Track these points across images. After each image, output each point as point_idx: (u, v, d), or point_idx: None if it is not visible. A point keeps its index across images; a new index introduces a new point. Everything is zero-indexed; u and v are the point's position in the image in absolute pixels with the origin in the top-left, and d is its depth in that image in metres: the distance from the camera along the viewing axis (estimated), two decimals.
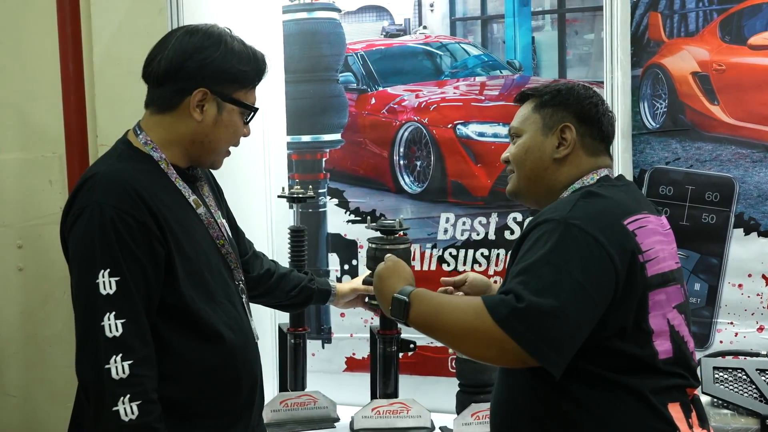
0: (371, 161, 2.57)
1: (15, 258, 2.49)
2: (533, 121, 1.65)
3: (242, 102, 1.65)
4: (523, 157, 1.65)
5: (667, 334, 1.48)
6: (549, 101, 1.65)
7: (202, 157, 1.68)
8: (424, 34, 2.50)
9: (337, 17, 2.57)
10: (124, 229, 1.50)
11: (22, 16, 2.51)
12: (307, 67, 2.60)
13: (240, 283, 1.73)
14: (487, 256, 2.48)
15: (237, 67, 1.63)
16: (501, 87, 2.44)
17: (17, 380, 2.49)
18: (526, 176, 1.66)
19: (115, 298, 1.47)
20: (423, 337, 2.44)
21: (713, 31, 2.22)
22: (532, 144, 1.64)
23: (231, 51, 1.63)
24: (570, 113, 1.63)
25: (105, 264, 1.48)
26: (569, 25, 2.37)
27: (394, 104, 2.53)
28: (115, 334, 1.46)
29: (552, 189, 1.63)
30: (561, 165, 1.62)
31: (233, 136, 1.68)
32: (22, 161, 2.52)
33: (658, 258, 1.48)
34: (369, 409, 2.27)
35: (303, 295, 2.12)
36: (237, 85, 1.64)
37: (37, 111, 2.53)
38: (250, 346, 1.70)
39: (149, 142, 1.62)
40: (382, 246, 2.22)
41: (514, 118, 1.71)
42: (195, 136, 1.64)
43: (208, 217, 1.68)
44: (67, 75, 2.42)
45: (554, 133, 1.62)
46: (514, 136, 1.70)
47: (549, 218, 1.47)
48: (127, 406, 1.45)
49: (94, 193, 1.53)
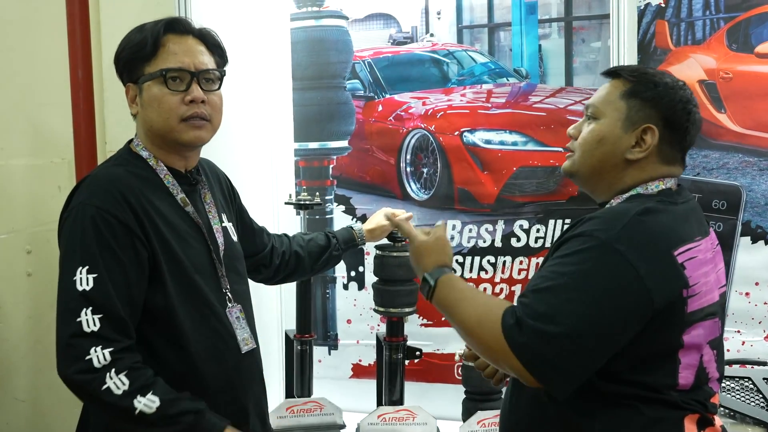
0: (378, 168, 2.59)
1: (24, 263, 2.47)
2: (617, 108, 1.49)
3: (149, 74, 1.60)
4: (594, 146, 1.50)
5: (694, 369, 1.40)
6: (640, 92, 1.48)
7: (168, 142, 1.64)
8: (431, 42, 2.52)
9: (344, 25, 2.58)
10: (106, 229, 1.50)
11: (32, 24, 2.50)
12: (314, 74, 2.62)
13: (227, 291, 1.69)
14: (493, 263, 2.49)
15: (131, 45, 1.62)
16: (508, 94, 2.45)
17: (26, 385, 2.48)
18: (591, 165, 1.51)
19: (90, 294, 1.47)
20: (429, 345, 2.50)
21: (720, 39, 2.23)
22: (607, 135, 1.48)
23: (128, 37, 1.64)
24: (658, 114, 1.47)
25: (84, 261, 1.49)
26: (576, 33, 2.38)
27: (401, 111, 2.54)
28: (93, 329, 1.46)
29: (612, 187, 1.51)
30: (630, 166, 1.48)
31: (164, 108, 1.60)
32: (31, 167, 2.51)
33: (702, 292, 1.39)
34: (375, 415, 2.28)
35: (332, 262, 2.16)
36: (138, 62, 1.61)
37: (46, 117, 2.52)
38: (237, 353, 1.67)
39: (139, 143, 1.66)
40: (389, 253, 2.25)
41: (597, 94, 1.54)
42: (145, 127, 1.64)
43: (196, 218, 1.67)
44: (77, 82, 2.44)
45: (634, 131, 1.47)
46: (591, 116, 1.53)
47: (594, 234, 1.36)
48: (116, 380, 1.45)
49: (82, 194, 1.55)
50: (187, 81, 1.60)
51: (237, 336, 1.67)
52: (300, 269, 2.09)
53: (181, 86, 1.60)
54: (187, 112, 1.60)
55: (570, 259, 1.36)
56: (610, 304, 1.32)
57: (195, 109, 1.61)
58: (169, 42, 1.61)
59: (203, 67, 1.62)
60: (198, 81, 1.61)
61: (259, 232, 2.01)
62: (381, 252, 2.27)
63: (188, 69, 1.60)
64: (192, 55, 1.62)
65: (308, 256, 2.09)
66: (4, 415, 2.43)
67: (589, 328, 1.31)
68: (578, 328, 1.30)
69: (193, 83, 1.60)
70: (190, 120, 1.61)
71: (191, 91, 1.60)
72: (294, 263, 2.07)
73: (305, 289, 2.41)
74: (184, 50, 1.61)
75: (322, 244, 2.12)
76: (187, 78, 1.60)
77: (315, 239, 2.13)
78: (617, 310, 1.32)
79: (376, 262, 2.29)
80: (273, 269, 2.04)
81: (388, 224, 2.18)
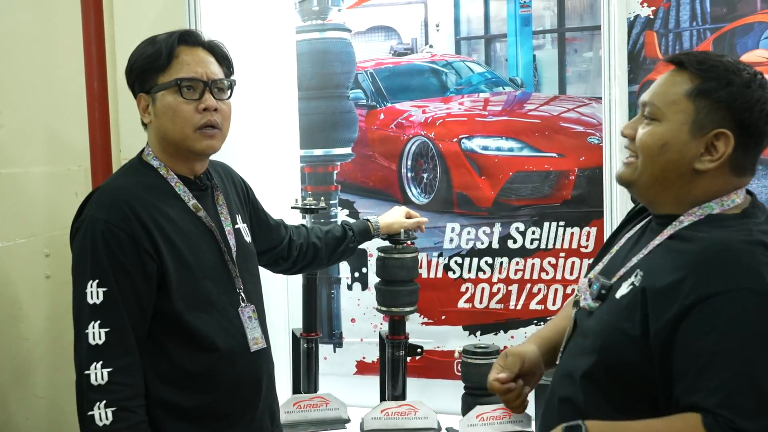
0: (380, 174, 2.59)
1: (42, 266, 2.51)
2: (683, 109, 1.25)
3: (163, 84, 1.61)
4: (656, 152, 1.27)
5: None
6: (711, 91, 1.24)
7: (181, 150, 1.65)
8: (430, 53, 2.51)
9: (347, 37, 2.59)
10: (114, 243, 1.53)
11: (50, 38, 2.53)
12: (319, 84, 2.62)
13: (240, 291, 1.71)
14: (491, 264, 2.50)
15: (145, 56, 1.64)
16: (504, 103, 2.46)
17: (44, 382, 2.50)
18: (653, 175, 1.29)
19: (101, 308, 1.51)
20: (430, 342, 2.52)
21: (707, 49, 2.22)
22: (672, 140, 1.26)
23: (143, 47, 1.66)
24: (732, 117, 1.24)
25: (94, 275, 1.52)
26: (569, 43, 2.39)
27: (401, 119, 2.55)
28: (98, 342, 1.49)
29: (679, 199, 1.29)
30: (699, 177, 1.26)
31: (179, 117, 1.62)
32: (49, 174, 2.54)
33: None
34: (378, 410, 2.30)
35: (347, 253, 2.20)
36: (151, 72, 1.63)
37: (64, 126, 2.55)
38: (247, 352, 1.69)
39: (150, 152, 1.68)
40: (392, 255, 2.28)
41: (658, 89, 1.30)
42: (158, 136, 1.66)
43: (209, 222, 1.68)
44: (93, 92, 2.47)
45: (704, 137, 1.24)
46: (650, 117, 1.29)
47: (742, 287, 1.13)
48: (102, 412, 1.48)
49: (92, 207, 1.59)
50: (200, 90, 1.63)
51: (247, 335, 1.70)
52: (317, 260, 2.13)
53: (195, 95, 1.62)
54: (200, 120, 1.63)
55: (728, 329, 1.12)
56: None
57: (208, 117, 1.63)
58: (182, 53, 1.64)
59: (215, 76, 1.66)
60: (210, 90, 1.64)
61: (276, 226, 2.03)
62: (383, 254, 2.30)
63: (201, 78, 1.63)
64: (204, 66, 1.65)
65: (325, 247, 2.12)
66: (23, 410, 2.46)
67: None
68: None
69: (206, 92, 1.63)
70: (204, 129, 1.63)
71: (204, 99, 1.63)
72: (312, 254, 2.10)
73: (311, 290, 2.44)
74: (197, 61, 1.65)
75: (339, 236, 2.16)
76: (200, 87, 1.63)
77: (332, 231, 2.16)
78: None
79: (378, 264, 2.32)
80: (291, 261, 2.08)
81: (408, 223, 2.23)
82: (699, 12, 2.24)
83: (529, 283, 2.49)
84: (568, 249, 2.44)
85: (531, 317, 2.49)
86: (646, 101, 1.31)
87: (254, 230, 1.91)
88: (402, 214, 2.28)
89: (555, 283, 2.47)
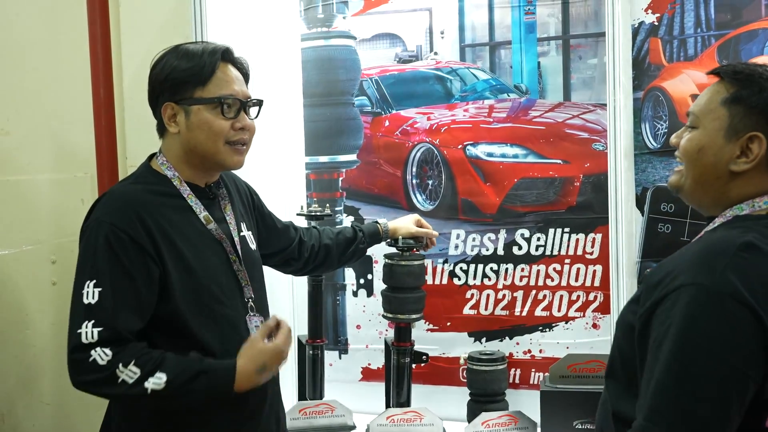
0: (385, 180, 2.60)
1: (49, 273, 2.53)
2: (717, 116, 1.35)
3: (202, 98, 1.63)
4: (695, 157, 1.37)
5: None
6: (744, 98, 1.33)
7: (207, 163, 1.67)
8: (435, 60, 2.52)
9: (352, 44, 2.60)
10: (118, 245, 1.54)
11: (56, 46, 2.55)
12: (324, 91, 2.63)
13: (249, 300, 1.72)
14: (496, 270, 2.51)
15: (182, 68, 1.63)
16: (508, 109, 2.46)
17: (51, 388, 2.52)
18: (694, 178, 1.38)
19: (94, 308, 1.51)
20: (435, 348, 2.52)
21: (711, 56, 2.23)
22: (708, 144, 1.35)
23: (177, 58, 1.65)
24: (766, 121, 1.32)
25: (92, 275, 1.53)
26: (573, 50, 2.39)
27: (406, 126, 2.55)
28: (91, 341, 1.50)
29: (718, 201, 1.37)
30: (736, 178, 1.34)
31: (214, 132, 1.64)
32: (55, 181, 2.56)
33: None
34: (384, 417, 2.30)
35: (357, 255, 2.20)
36: (190, 84, 1.63)
37: (70, 134, 2.57)
38: None
39: (165, 162, 1.69)
40: (398, 262, 2.26)
41: (698, 100, 1.40)
42: (185, 147, 1.66)
43: (219, 233, 1.69)
44: (99, 100, 2.49)
45: (739, 141, 1.33)
46: (691, 125, 1.40)
47: (697, 282, 1.20)
48: (127, 371, 1.50)
49: (99, 211, 1.60)
50: (236, 108, 1.66)
51: None
52: (329, 260, 2.14)
53: (231, 113, 1.65)
54: (234, 136, 1.66)
55: (675, 321, 1.20)
56: (744, 361, 1.18)
57: (242, 135, 1.67)
58: (219, 70, 1.66)
59: (248, 96, 1.69)
60: (246, 109, 1.68)
61: (284, 229, 2.05)
62: (390, 260, 2.29)
63: (239, 97, 1.66)
64: (240, 84, 1.69)
65: (336, 248, 2.14)
66: (31, 417, 2.48)
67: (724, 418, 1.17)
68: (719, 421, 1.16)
69: (241, 112, 1.66)
70: (235, 145, 1.66)
71: (241, 119, 1.66)
72: (323, 255, 2.12)
73: (316, 296, 2.45)
74: (233, 79, 1.67)
75: (350, 237, 2.17)
76: (237, 105, 1.66)
77: (343, 232, 2.18)
78: (751, 365, 1.18)
79: (384, 270, 2.31)
80: (302, 261, 2.09)
81: (416, 230, 2.24)
82: (704, 18, 2.24)
83: (534, 290, 2.49)
84: (573, 255, 2.45)
85: (536, 324, 2.50)
86: (689, 111, 1.41)
87: (262, 235, 1.92)
88: (412, 221, 2.28)
89: (560, 289, 2.47)
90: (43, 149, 2.57)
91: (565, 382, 2.20)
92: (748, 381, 1.18)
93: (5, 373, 2.56)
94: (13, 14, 2.55)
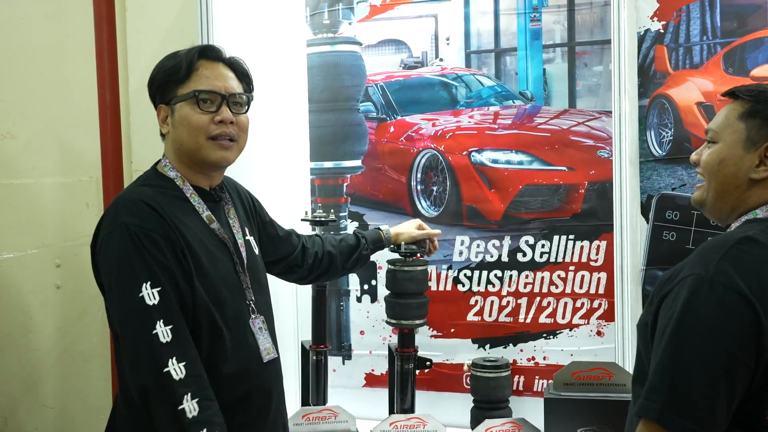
0: (390, 186, 2.60)
1: (53, 276, 2.53)
2: (735, 130, 1.45)
3: (182, 95, 1.66)
4: (716, 169, 1.46)
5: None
6: (760, 111, 1.43)
7: (195, 160, 1.69)
8: (440, 66, 2.52)
9: (358, 50, 2.60)
10: (152, 245, 1.56)
11: (63, 50, 2.56)
12: (329, 97, 2.63)
13: (250, 303, 1.74)
14: (500, 277, 2.50)
15: (165, 69, 1.68)
16: (513, 116, 2.46)
17: (54, 392, 2.52)
18: (715, 189, 1.47)
19: (160, 307, 1.53)
20: (439, 355, 2.52)
21: (717, 64, 2.23)
22: (728, 156, 1.45)
23: (165, 61, 1.70)
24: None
25: (146, 277, 1.54)
26: (579, 57, 2.40)
27: (411, 132, 2.55)
28: (168, 339, 1.52)
29: (737, 209, 1.46)
30: (755, 186, 1.43)
31: (194, 127, 1.65)
32: (61, 185, 2.57)
33: None
34: (387, 423, 2.29)
35: (361, 261, 2.20)
36: (172, 83, 1.67)
37: (76, 138, 2.58)
38: (260, 363, 1.72)
39: (167, 164, 1.71)
40: (400, 267, 2.27)
41: (716, 118, 1.50)
42: (174, 146, 1.70)
43: (222, 233, 1.71)
44: (104, 104, 2.51)
45: (757, 150, 1.42)
46: (710, 141, 1.49)
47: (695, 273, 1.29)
48: (190, 404, 1.51)
49: (119, 215, 1.59)
50: (217, 103, 1.66)
51: (260, 345, 1.72)
52: (333, 268, 2.15)
53: (212, 108, 1.66)
54: (215, 131, 1.66)
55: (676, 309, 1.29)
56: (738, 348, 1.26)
57: (223, 128, 1.67)
58: (202, 67, 1.68)
59: (233, 91, 1.69)
60: (228, 103, 1.67)
61: (286, 237, 2.06)
62: (393, 266, 2.29)
63: (219, 92, 1.67)
64: (223, 80, 1.69)
65: (340, 255, 2.15)
66: (33, 420, 2.48)
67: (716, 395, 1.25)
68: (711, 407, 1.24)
69: (223, 105, 1.67)
70: (218, 139, 1.67)
71: (221, 112, 1.66)
72: (327, 263, 2.13)
73: (320, 302, 2.44)
74: (216, 75, 1.68)
75: (353, 244, 2.18)
76: (217, 100, 1.66)
77: (346, 239, 2.19)
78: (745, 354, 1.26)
79: (388, 276, 2.31)
80: (306, 269, 2.10)
81: (417, 233, 2.25)
82: (709, 26, 2.24)
83: (538, 297, 2.49)
84: (577, 262, 2.44)
85: (540, 330, 2.49)
86: (708, 128, 1.50)
87: (263, 242, 1.93)
88: (413, 226, 2.29)
89: (564, 296, 2.47)
90: (49, 153, 2.58)
91: (569, 389, 2.19)
92: (738, 364, 1.25)
93: (8, 376, 2.57)
94: (19, 18, 2.55)
